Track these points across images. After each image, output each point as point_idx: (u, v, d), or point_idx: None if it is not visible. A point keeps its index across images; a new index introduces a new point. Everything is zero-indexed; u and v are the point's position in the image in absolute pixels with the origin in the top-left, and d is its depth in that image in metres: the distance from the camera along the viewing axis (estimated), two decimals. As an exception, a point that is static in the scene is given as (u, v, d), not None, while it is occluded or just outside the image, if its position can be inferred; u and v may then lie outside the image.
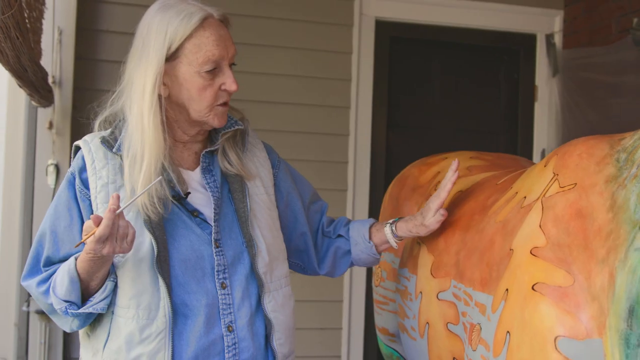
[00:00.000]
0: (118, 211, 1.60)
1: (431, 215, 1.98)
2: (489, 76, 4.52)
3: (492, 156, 2.41)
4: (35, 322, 3.57)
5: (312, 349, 4.04)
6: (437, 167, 2.43)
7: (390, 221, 2.07)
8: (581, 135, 4.11)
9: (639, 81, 3.77)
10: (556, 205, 1.50)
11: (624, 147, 1.48)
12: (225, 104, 1.85)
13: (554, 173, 1.58)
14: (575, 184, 1.49)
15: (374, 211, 4.20)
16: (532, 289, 1.43)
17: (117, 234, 1.61)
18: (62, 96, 3.61)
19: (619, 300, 1.29)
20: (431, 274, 2.00)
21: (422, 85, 4.42)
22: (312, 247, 2.09)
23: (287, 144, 3.88)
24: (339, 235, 2.11)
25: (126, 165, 1.78)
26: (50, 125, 3.58)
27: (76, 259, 1.71)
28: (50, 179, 3.58)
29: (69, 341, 3.67)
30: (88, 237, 1.60)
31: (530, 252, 1.48)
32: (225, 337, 1.79)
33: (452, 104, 4.45)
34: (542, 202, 1.55)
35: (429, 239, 2.08)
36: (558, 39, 4.45)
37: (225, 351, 1.78)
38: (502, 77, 4.54)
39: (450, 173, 1.97)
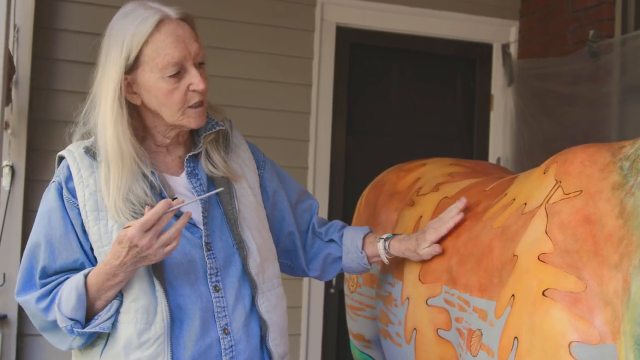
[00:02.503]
0: (172, 208, 1.60)
1: (426, 246, 1.94)
2: (447, 84, 4.58)
3: (471, 163, 2.43)
4: (-14, 331, 3.46)
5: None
6: (415, 174, 2.43)
7: (384, 237, 2.05)
8: (536, 144, 4.22)
9: (593, 92, 3.86)
10: (562, 212, 1.51)
11: (626, 155, 1.51)
12: (200, 104, 1.81)
13: (556, 180, 1.59)
14: (581, 190, 1.51)
15: (333, 217, 4.19)
16: (543, 294, 1.44)
17: (160, 233, 1.60)
18: (19, 96, 3.49)
19: (635, 306, 1.30)
20: (419, 279, 2.00)
21: (381, 91, 4.44)
22: (300, 247, 2.08)
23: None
24: (331, 240, 2.09)
25: (102, 178, 1.75)
26: (6, 126, 3.46)
27: (85, 276, 1.67)
28: (5, 180, 3.47)
29: (22, 349, 3.55)
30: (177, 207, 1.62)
31: (538, 258, 1.49)
32: (221, 340, 1.77)
33: (410, 110, 4.49)
34: (545, 208, 1.56)
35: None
36: (514, 49, 4.53)
37: (222, 354, 1.76)
38: (459, 85, 4.60)
39: (454, 211, 1.93)
